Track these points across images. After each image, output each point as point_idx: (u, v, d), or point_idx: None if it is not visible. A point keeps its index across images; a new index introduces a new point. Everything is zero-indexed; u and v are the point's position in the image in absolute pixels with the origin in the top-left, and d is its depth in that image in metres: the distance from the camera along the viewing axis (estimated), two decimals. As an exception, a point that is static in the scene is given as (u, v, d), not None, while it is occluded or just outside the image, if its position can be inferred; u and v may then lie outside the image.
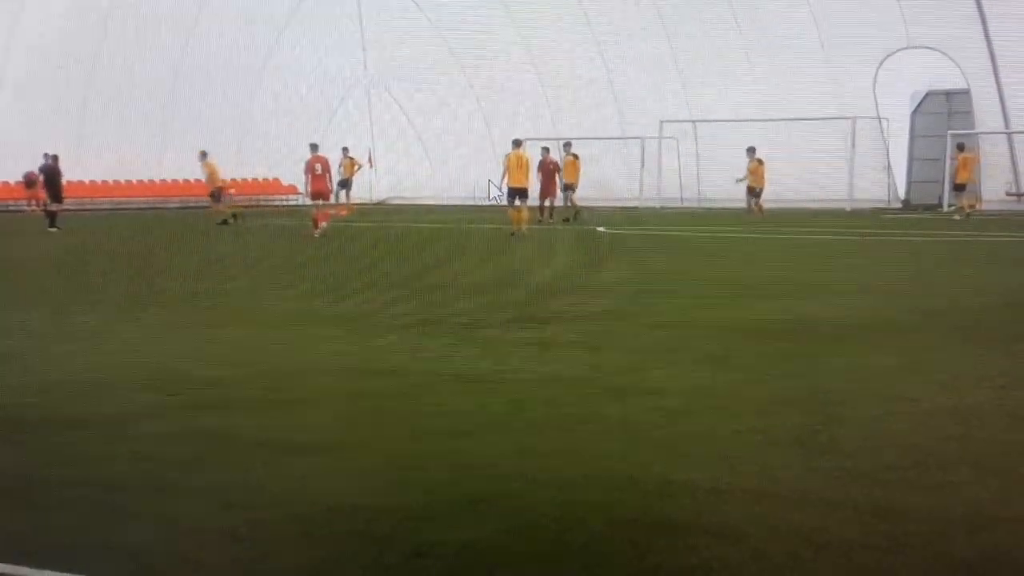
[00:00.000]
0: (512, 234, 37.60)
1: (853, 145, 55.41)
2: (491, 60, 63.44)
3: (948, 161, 54.13)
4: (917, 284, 22.95)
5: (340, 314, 18.48)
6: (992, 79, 53.33)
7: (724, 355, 14.36)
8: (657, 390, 12.04)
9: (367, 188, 66.65)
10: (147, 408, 11.37)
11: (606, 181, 58.70)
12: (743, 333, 16.25)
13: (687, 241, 36.34)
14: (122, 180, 58.76)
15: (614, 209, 54.09)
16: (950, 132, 54.58)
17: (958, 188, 49.42)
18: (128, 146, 54.68)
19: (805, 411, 10.98)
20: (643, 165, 60.39)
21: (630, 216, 49.79)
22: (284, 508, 8.09)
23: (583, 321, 17.47)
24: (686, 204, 58.73)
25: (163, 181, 62.08)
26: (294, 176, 63.11)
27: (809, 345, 15.24)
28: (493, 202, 49.33)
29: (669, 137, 59.13)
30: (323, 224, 37.76)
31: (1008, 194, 53.94)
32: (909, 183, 58.31)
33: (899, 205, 56.46)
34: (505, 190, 40.27)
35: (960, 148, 50.16)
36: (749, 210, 50.57)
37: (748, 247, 33.72)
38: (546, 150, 48.04)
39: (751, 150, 50.91)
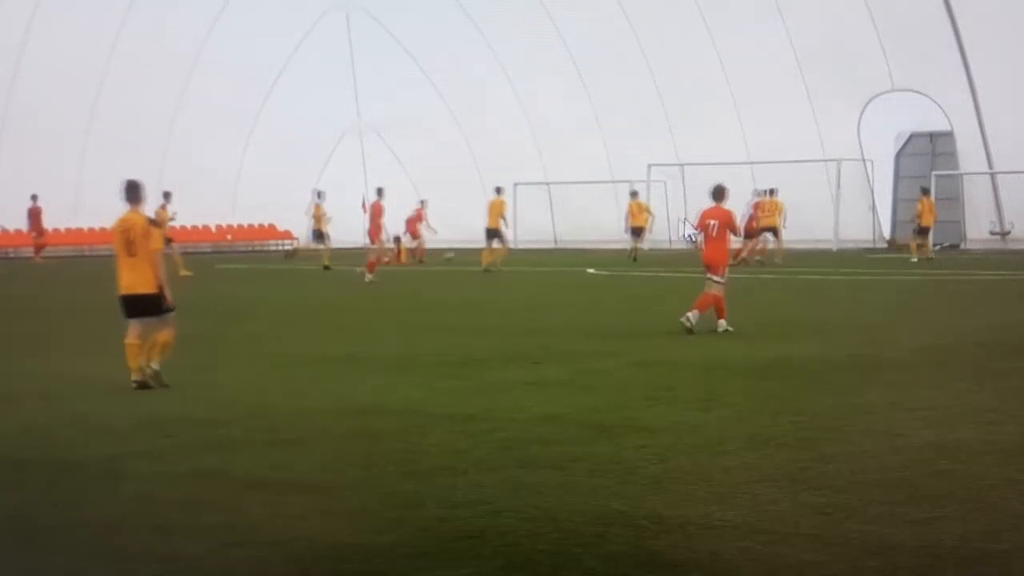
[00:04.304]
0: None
1: (838, 186, 55.58)
2: (481, 105, 63.56)
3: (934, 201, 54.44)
4: (901, 322, 23.02)
5: (337, 355, 18.57)
6: (975, 121, 53.54)
7: (712, 393, 14.47)
8: (648, 428, 12.15)
9: (360, 233, 66.67)
10: (145, 449, 11.46)
11: (596, 224, 58.89)
12: (730, 371, 16.36)
13: (673, 282, 36.36)
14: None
15: (604, 251, 54.20)
16: (934, 173, 54.79)
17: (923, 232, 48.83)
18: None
19: (793, 447, 11.10)
20: (615, 207, 60.49)
21: (619, 258, 49.82)
22: (283, 547, 8.20)
23: (574, 360, 17.56)
24: (675, 246, 58.73)
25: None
26: (290, 222, 63.48)
27: (795, 382, 15.37)
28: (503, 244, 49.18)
29: (657, 180, 59.28)
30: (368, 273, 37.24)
31: (992, 233, 54.09)
32: (894, 223, 58.37)
33: (884, 245, 56.55)
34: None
35: (925, 192, 49.88)
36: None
37: (733, 288, 33.72)
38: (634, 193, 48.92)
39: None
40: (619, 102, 60.14)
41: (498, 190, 46.09)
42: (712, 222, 21.48)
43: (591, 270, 41.63)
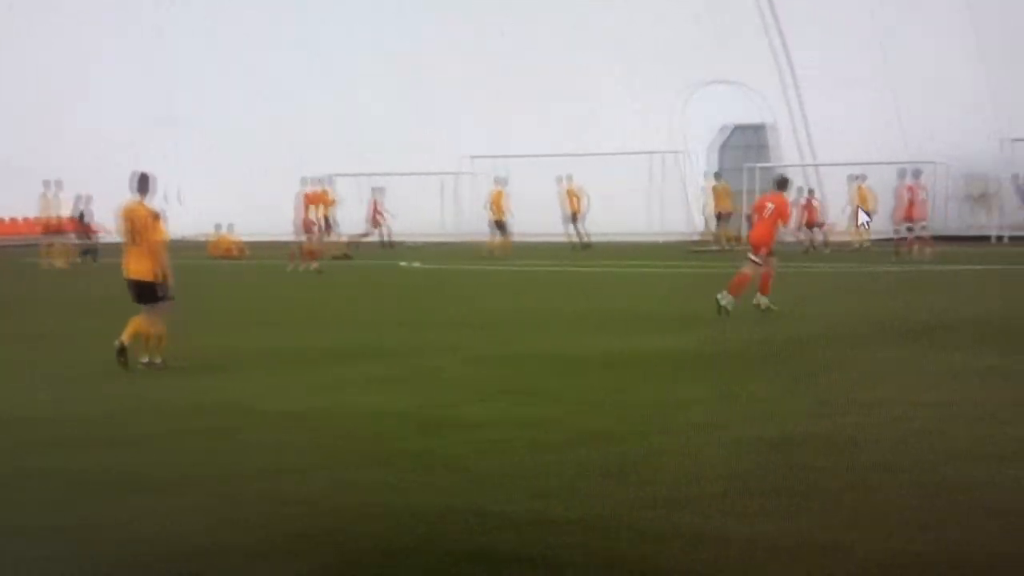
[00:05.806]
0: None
1: (660, 179, 56.05)
2: (294, 95, 62.87)
3: (746, 194, 55.13)
4: (751, 315, 23.08)
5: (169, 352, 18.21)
6: (799, 113, 54.30)
7: (540, 388, 14.48)
8: (475, 423, 12.15)
9: (176, 226, 65.75)
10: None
11: (415, 215, 58.70)
12: (557, 366, 16.38)
13: (499, 276, 36.40)
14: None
15: (424, 244, 54.24)
16: (746, 165, 55.22)
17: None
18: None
19: (622, 442, 11.12)
20: (438, 199, 60.55)
21: (440, 251, 49.75)
22: (121, 549, 8.11)
23: (407, 356, 17.42)
24: (496, 238, 58.81)
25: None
26: (100, 215, 62.54)
27: (622, 378, 15.39)
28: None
29: (476, 173, 59.25)
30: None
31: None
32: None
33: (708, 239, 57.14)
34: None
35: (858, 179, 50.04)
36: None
37: (561, 281, 33.85)
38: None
39: None
40: (439, 92, 59.91)
41: (497, 180, 48.66)
42: (769, 205, 23.26)
43: (416, 264, 41.34)
